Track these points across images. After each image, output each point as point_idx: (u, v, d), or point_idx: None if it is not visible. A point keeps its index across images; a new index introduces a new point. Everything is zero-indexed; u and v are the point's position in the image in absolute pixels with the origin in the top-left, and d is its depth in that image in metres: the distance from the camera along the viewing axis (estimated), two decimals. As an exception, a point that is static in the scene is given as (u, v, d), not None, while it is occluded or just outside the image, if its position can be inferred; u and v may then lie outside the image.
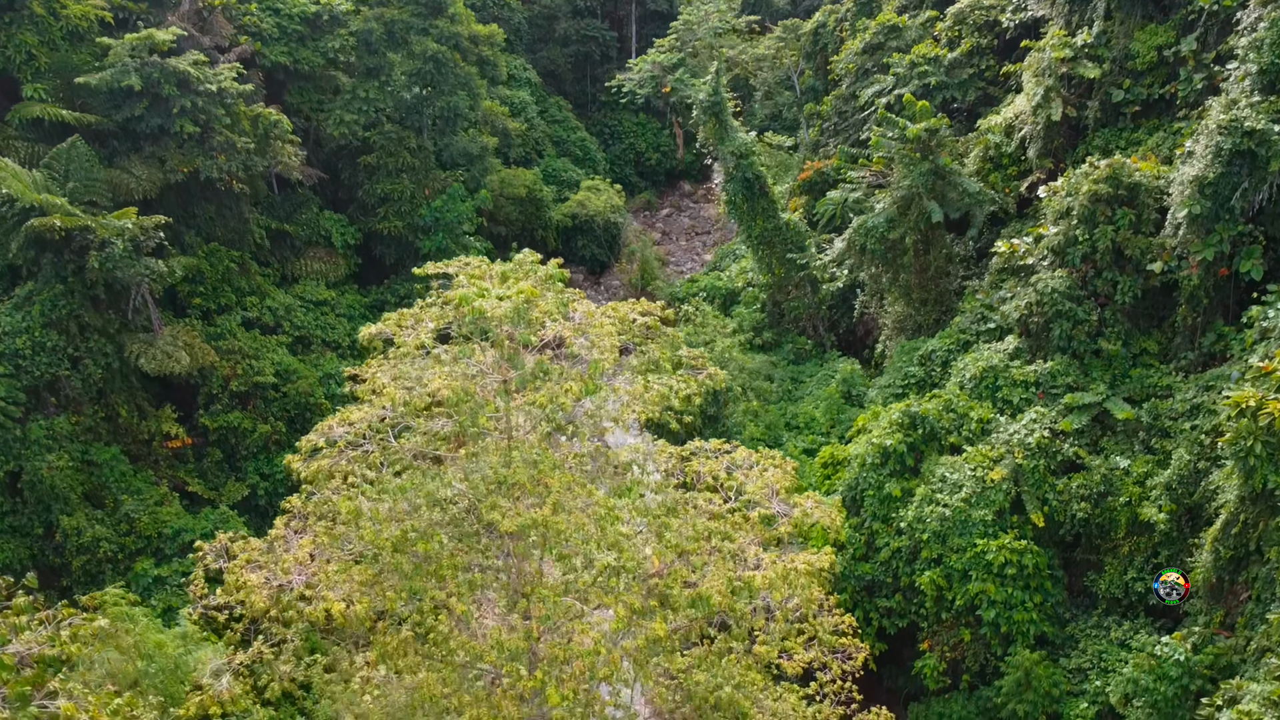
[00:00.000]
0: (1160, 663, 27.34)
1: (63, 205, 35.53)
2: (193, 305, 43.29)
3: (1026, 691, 29.27)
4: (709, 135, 47.62)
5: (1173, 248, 32.89)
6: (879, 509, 33.58)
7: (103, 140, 41.96)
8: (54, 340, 36.51)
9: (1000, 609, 30.33)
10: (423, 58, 51.24)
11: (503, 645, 14.39)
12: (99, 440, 37.94)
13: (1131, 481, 30.98)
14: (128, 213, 37.54)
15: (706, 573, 15.43)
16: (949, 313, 42.59)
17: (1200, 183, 31.25)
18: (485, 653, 14.69)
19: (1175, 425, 31.38)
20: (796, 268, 48.74)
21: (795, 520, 16.69)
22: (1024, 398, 34.51)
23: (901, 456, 33.73)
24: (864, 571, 33.32)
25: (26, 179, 36.42)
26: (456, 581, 15.32)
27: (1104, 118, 40.16)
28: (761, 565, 15.68)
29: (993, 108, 47.26)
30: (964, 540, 31.25)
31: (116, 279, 36.96)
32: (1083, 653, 30.10)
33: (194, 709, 17.13)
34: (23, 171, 36.87)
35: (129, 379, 39.38)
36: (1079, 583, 32.32)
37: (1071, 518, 31.63)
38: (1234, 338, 31.78)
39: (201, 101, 41.65)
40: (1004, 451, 32.43)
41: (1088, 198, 33.99)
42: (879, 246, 42.54)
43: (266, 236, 47.28)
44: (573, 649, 14.39)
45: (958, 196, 41.19)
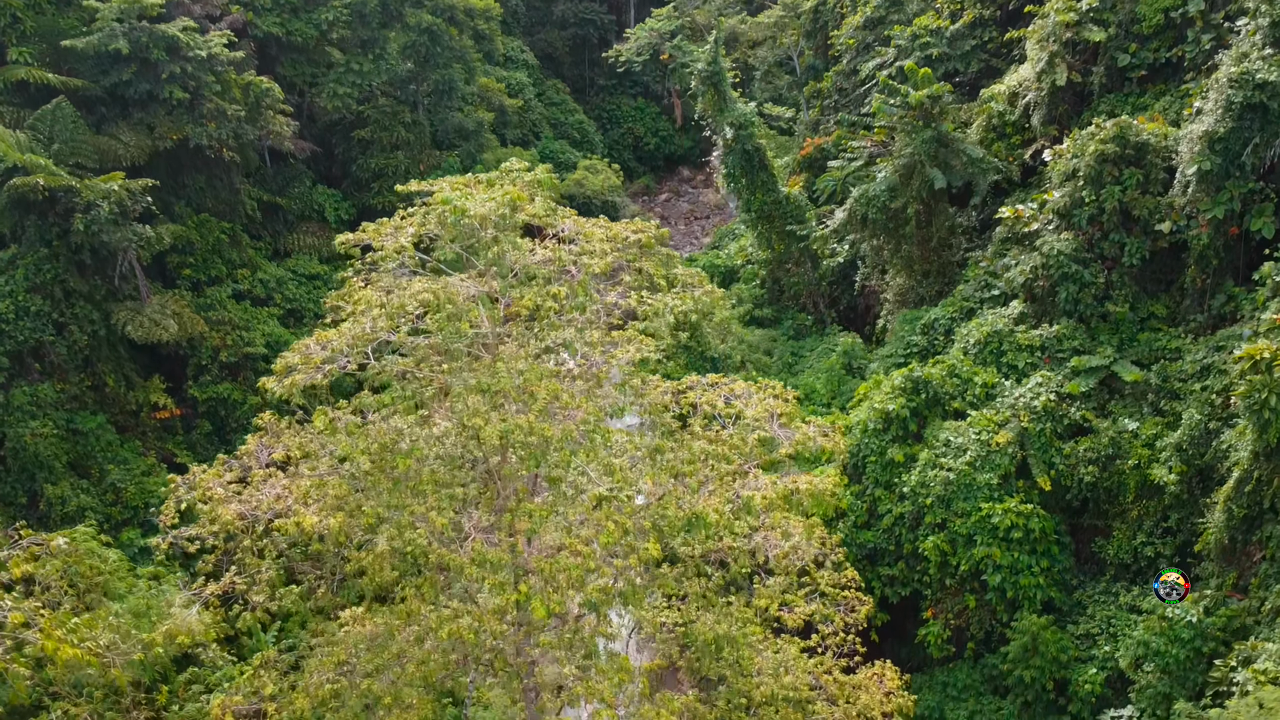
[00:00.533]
0: (1172, 625, 26.55)
1: (47, 166, 34.80)
2: (182, 276, 42.60)
3: (1033, 657, 28.45)
4: (707, 106, 46.86)
5: (1181, 207, 32.15)
6: (881, 475, 32.78)
7: (90, 107, 41.25)
8: (38, 305, 35.78)
9: (1006, 574, 29.53)
10: (417, 30, 50.54)
11: (485, 557, 13.62)
12: (85, 409, 37.25)
13: (1140, 444, 30.20)
14: (114, 176, 36.84)
15: (703, 495, 14.70)
16: (952, 284, 41.80)
17: (1210, 138, 30.50)
18: (466, 566, 13.93)
19: (1185, 387, 30.61)
20: (796, 241, 47.97)
21: (797, 441, 15.97)
22: (1029, 362, 33.75)
23: (904, 421, 32.93)
24: (866, 539, 32.51)
25: (10, 140, 35.69)
26: (438, 496, 14.58)
27: (1109, 83, 39.40)
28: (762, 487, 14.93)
29: (996, 80, 46.53)
30: (968, 505, 30.45)
31: (103, 244, 36.24)
32: (1091, 618, 29.31)
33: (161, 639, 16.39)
34: (6, 132, 36.15)
35: (116, 348, 38.67)
36: (1086, 549, 31.53)
37: (1079, 482, 30.84)
38: (1244, 298, 31.02)
39: (191, 68, 40.97)
40: (1009, 415, 31.66)
41: (1094, 158, 33.25)
42: (880, 216, 41.79)
43: (258, 209, 46.58)
44: (559, 562, 13.63)
45: (961, 164, 40.44)
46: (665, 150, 76.35)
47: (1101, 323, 33.71)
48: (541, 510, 13.82)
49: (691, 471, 14.85)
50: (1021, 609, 29.47)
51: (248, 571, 16.73)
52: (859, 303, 48.75)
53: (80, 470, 36.35)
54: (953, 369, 33.92)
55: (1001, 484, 30.71)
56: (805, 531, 17.81)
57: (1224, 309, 31.71)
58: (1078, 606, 30.08)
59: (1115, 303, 33.43)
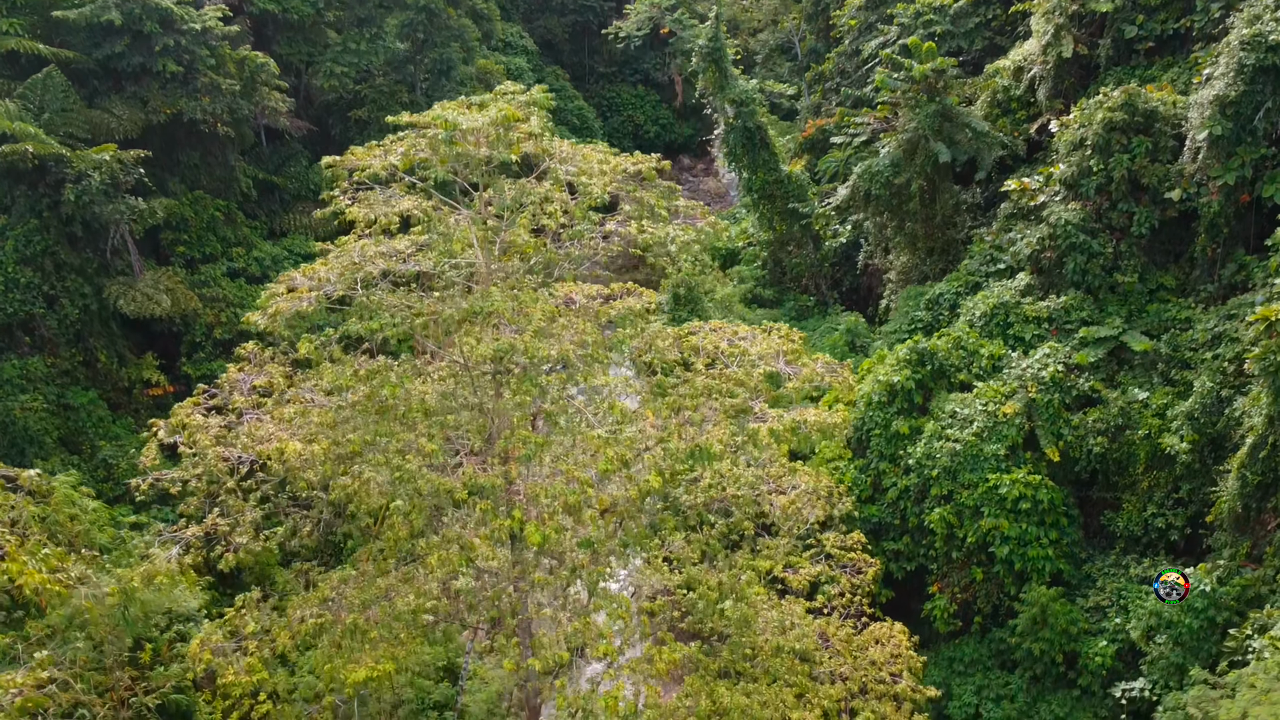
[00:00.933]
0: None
1: (37, 134, 34.20)
2: (176, 253, 41.99)
3: (1042, 629, 27.85)
4: (708, 83, 46.28)
5: (1191, 174, 31.58)
6: (886, 448, 32.17)
7: (82, 80, 40.65)
8: (28, 277, 35.19)
9: (1014, 545, 28.91)
10: (414, 8, 49.96)
11: (477, 483, 13.00)
12: (76, 384, 36.65)
13: (1151, 413, 29.61)
14: (107, 147, 36.25)
15: (707, 428, 14.08)
16: (956, 263, 41.19)
17: (1221, 102, 29.94)
18: (457, 490, 13.30)
19: (1196, 355, 30.01)
20: (798, 220, 47.39)
21: (804, 377, 15.36)
22: (1036, 334, 33.16)
23: (909, 394, 32.32)
24: (870, 514, 31.86)
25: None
26: (427, 423, 13.96)
27: (1116, 55, 38.82)
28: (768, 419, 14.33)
29: (1000, 58, 45.98)
30: (975, 476, 29.85)
31: (94, 215, 35.63)
32: (1100, 590, 28.71)
33: (139, 578, 15.77)
34: (-5, 101, 35.59)
35: (108, 323, 38.08)
36: (1095, 523, 30.93)
37: (1088, 453, 30.24)
38: (1256, 266, 30.45)
39: (185, 41, 40.39)
40: (1016, 386, 31.07)
41: (1102, 126, 32.68)
42: (884, 192, 41.23)
43: (254, 187, 45.96)
44: (555, 486, 13.00)
45: (965, 139, 39.87)
46: (665, 138, 75.77)
47: (1110, 294, 33.14)
48: (538, 439, 13.22)
49: (694, 406, 14.26)
50: (1030, 581, 28.85)
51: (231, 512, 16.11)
52: (861, 283, 48.18)
53: (71, 446, 35.73)
54: (958, 341, 33.33)
55: (1009, 455, 30.11)
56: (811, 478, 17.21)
57: (1235, 278, 31.12)
58: (1087, 580, 29.47)
59: (1124, 273, 32.86)
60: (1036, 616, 27.91)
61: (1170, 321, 31.69)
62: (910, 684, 18.68)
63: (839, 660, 17.54)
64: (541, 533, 12.45)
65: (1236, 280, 31.14)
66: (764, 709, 15.00)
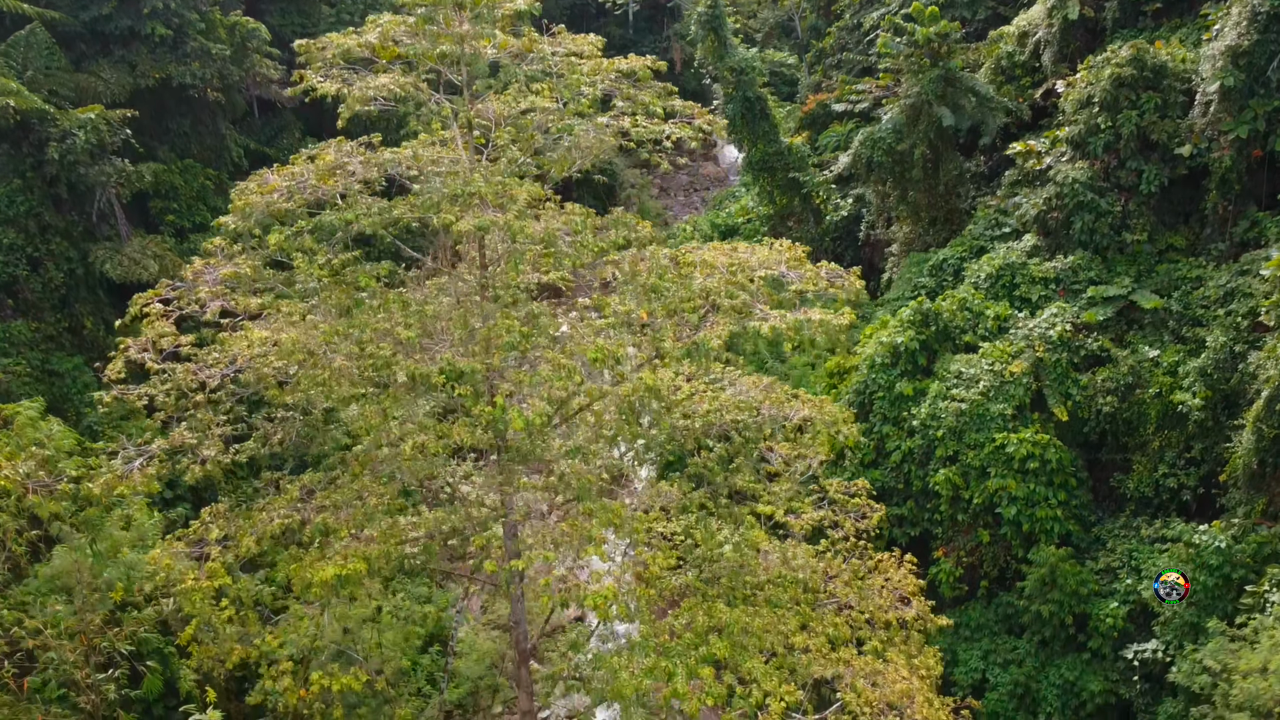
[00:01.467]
0: (1199, 552, 25.19)
1: (19, 90, 33.40)
2: (166, 222, 41.18)
3: (1051, 591, 27.05)
4: (707, 53, 45.48)
5: (1202, 129, 30.82)
6: (889, 410, 31.41)
7: (69, 43, 39.87)
8: (11, 238, 34.38)
9: (1022, 505, 28.13)
10: (410, -21, 49.19)
11: (456, 368, 12.20)
12: (61, 349, 35.79)
13: (1162, 371, 28.82)
14: (93, 107, 35.47)
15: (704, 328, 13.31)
16: (959, 232, 40.40)
17: (1233, 52, 29.20)
18: (432, 375, 12.48)
19: (1208, 312, 29.25)
20: (798, 192, 46.60)
21: (807, 280, 14.61)
22: (1043, 295, 32.38)
23: (914, 355, 31.57)
24: (873, 478, 30.94)
25: (-19, 66, 34.33)
26: (405, 312, 13.17)
27: (1123, 18, 38.06)
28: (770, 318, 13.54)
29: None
30: (981, 435, 29.08)
31: (80, 177, 34.83)
32: (1111, 552, 27.90)
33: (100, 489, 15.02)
34: (-23, 59, 34.79)
35: (95, 289, 37.25)
36: (1104, 486, 30.14)
37: (1097, 413, 29.45)
38: (1269, 222, 29.70)
39: (174, 4, 39.64)
40: (1024, 345, 30.30)
41: (1110, 82, 31.92)
42: (886, 159, 40.44)
43: (246, 157, 45.15)
44: (540, 373, 12.22)
45: (970, 104, 39.05)
46: (664, 121, 75.09)
47: (1118, 254, 32.38)
48: (523, 328, 12.42)
49: (691, 308, 13.48)
50: (1038, 543, 28.05)
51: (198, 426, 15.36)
52: (863, 255, 47.34)
53: (56, 412, 34.76)
54: (964, 302, 32.58)
55: (1016, 415, 29.35)
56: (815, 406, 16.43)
57: (1247, 235, 30.36)
58: (1096, 542, 28.66)
59: (1132, 232, 32.09)
60: (1045, 577, 27.11)
61: (1180, 280, 30.91)
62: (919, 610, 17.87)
63: (846, 590, 16.74)
64: (524, 418, 11.67)
65: (1249, 238, 30.37)
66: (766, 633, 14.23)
